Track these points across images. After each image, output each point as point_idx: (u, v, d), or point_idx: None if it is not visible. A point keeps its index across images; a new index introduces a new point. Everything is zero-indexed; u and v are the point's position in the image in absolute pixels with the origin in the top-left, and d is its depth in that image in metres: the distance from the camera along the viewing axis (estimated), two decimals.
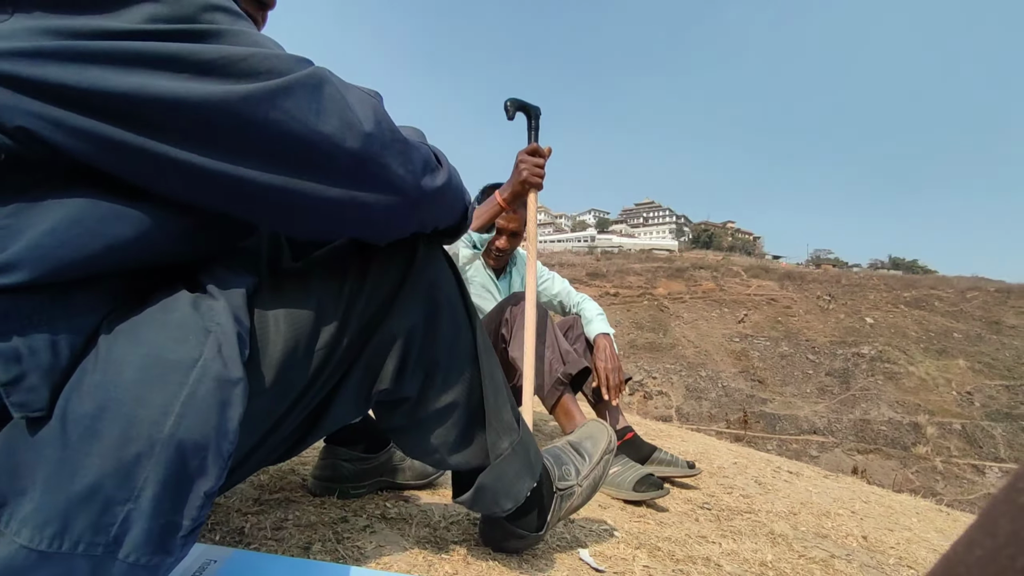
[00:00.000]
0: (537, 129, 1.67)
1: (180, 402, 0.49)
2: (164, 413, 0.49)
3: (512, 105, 1.64)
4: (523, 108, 1.66)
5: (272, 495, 1.06)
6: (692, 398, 27.03)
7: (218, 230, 0.62)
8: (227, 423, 0.52)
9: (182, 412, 0.49)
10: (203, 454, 0.51)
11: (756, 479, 2.13)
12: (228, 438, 0.52)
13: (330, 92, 0.56)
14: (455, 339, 0.78)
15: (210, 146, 0.52)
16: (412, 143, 0.64)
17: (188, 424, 0.49)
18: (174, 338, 0.52)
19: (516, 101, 1.64)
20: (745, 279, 39.77)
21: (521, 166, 1.60)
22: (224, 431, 0.52)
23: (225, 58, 0.51)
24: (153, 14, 0.50)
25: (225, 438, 0.52)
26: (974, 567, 0.23)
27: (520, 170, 1.59)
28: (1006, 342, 30.49)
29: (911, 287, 37.50)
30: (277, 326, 0.62)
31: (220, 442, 0.52)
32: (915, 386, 27.52)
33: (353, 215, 0.62)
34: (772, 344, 31.64)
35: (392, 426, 0.81)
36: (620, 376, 1.82)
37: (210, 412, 0.51)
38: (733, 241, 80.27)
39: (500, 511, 0.85)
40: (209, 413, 0.51)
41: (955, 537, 0.83)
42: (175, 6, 0.51)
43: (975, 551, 0.23)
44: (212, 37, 0.52)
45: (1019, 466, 0.23)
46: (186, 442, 0.49)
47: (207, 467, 0.51)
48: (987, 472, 21.86)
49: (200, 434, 0.50)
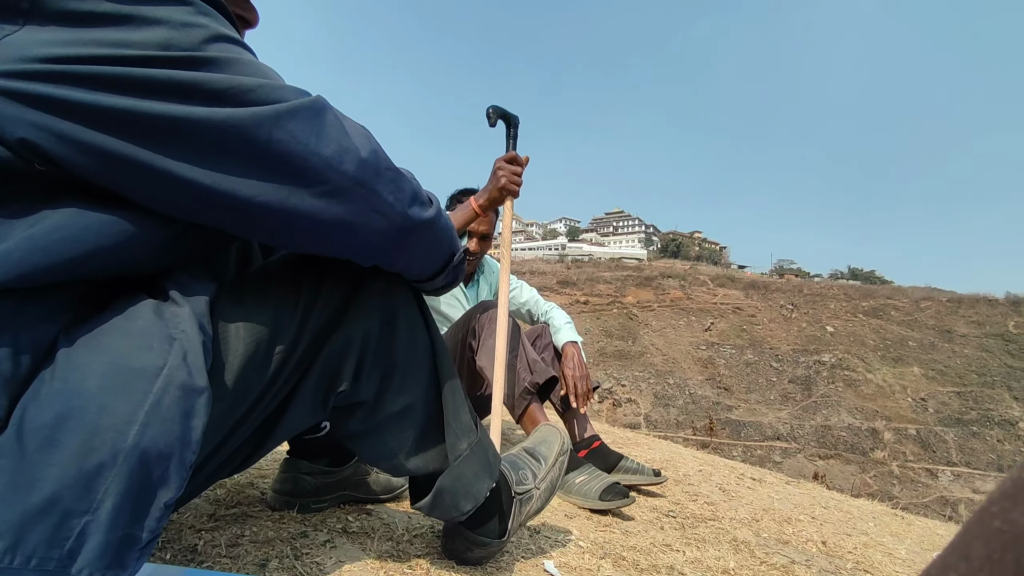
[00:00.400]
0: (516, 138, 1.68)
1: (145, 411, 0.49)
2: (128, 422, 0.48)
3: (495, 112, 1.65)
4: (504, 116, 1.67)
5: (228, 510, 1.03)
6: (660, 405, 27.40)
7: (200, 240, 0.63)
8: (191, 432, 0.52)
9: (147, 421, 0.49)
10: (166, 464, 0.50)
11: (720, 486, 2.16)
12: (191, 448, 0.52)
13: (330, 119, 0.59)
14: (411, 342, 0.79)
15: (216, 163, 0.54)
16: (403, 174, 0.67)
17: (153, 433, 0.49)
18: (138, 346, 0.51)
19: (498, 109, 1.65)
20: (712, 288, 40.65)
21: (499, 172, 1.59)
22: (187, 440, 0.51)
23: (235, 87, 0.53)
24: (167, 40, 0.51)
25: (188, 448, 0.52)
26: None
27: (498, 176, 1.59)
28: (957, 350, 31.84)
29: (869, 297, 38.90)
30: (237, 332, 0.62)
31: (183, 452, 0.51)
32: (873, 393, 28.48)
33: (342, 237, 0.64)
34: (737, 352, 32.36)
35: (349, 431, 0.81)
36: (588, 384, 1.83)
37: (174, 421, 0.50)
38: (700, 251, 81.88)
39: (460, 514, 0.85)
40: (173, 422, 0.50)
41: (909, 540, 0.85)
42: (188, 33, 0.52)
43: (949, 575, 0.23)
44: (222, 67, 0.54)
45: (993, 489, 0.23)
46: (150, 452, 0.49)
47: (169, 477, 0.51)
48: (940, 476, 22.70)
49: (164, 443, 0.49)
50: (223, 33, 0.56)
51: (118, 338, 0.51)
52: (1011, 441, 24.66)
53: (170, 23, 0.52)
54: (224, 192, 0.55)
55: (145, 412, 0.49)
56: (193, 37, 0.52)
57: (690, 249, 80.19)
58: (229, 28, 0.57)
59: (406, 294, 0.79)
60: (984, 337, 32.81)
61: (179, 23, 0.52)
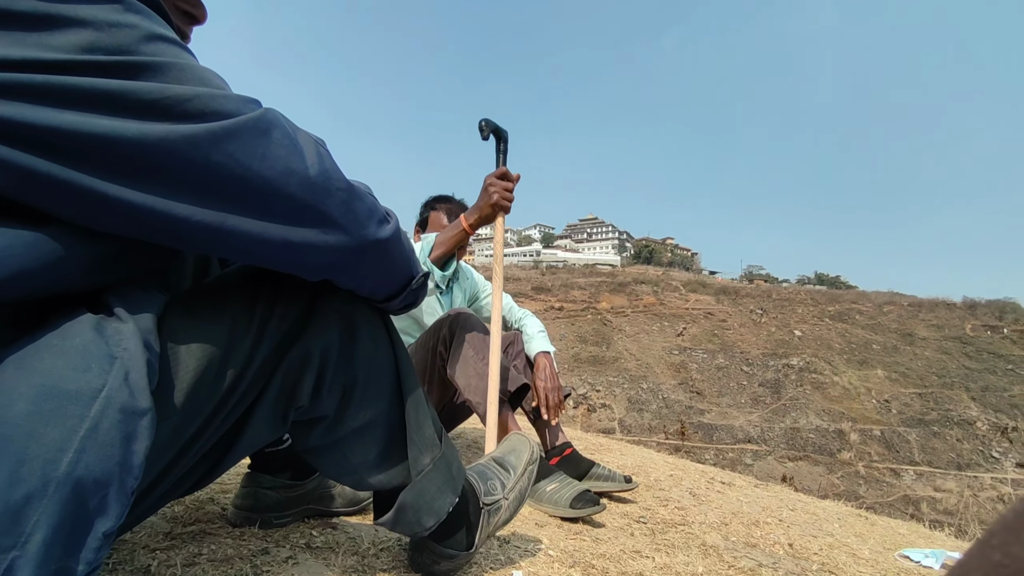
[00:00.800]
0: (506, 152, 1.69)
1: (80, 436, 0.45)
2: (61, 449, 0.44)
3: (487, 126, 1.65)
4: (495, 131, 1.68)
5: (186, 528, 0.99)
6: (634, 410, 27.62)
7: (140, 256, 0.59)
8: (132, 457, 0.48)
9: (82, 447, 0.45)
10: (104, 492, 0.47)
11: (691, 491, 2.17)
12: (133, 473, 0.49)
13: (277, 137, 0.56)
14: (374, 355, 0.77)
15: (145, 183, 0.50)
16: (357, 192, 0.64)
17: (88, 460, 0.45)
18: (74, 366, 0.47)
19: (490, 123, 1.66)
20: (684, 294, 41.23)
21: (491, 189, 1.59)
22: (129, 466, 0.48)
23: (169, 98, 0.49)
24: (91, 43, 0.47)
25: (129, 473, 0.48)
26: None
27: (490, 193, 1.58)
28: (918, 353, 32.88)
29: (835, 301, 39.92)
30: (188, 349, 0.59)
31: (124, 478, 0.48)
32: (839, 395, 29.20)
33: (289, 256, 0.61)
34: (709, 356, 32.85)
35: (309, 447, 0.78)
36: (559, 395, 1.82)
37: (113, 446, 0.47)
38: (672, 257, 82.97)
39: (422, 529, 0.84)
40: (112, 447, 0.47)
41: (872, 541, 0.85)
42: (115, 34, 0.48)
43: None
44: (155, 72, 0.50)
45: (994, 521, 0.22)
46: (86, 480, 0.45)
47: (108, 505, 0.47)
48: (903, 475, 23.36)
49: (101, 470, 0.46)
50: (157, 33, 0.51)
51: (51, 358, 0.47)
52: (969, 440, 25.53)
53: (94, 24, 0.47)
54: (157, 211, 0.51)
55: (80, 438, 0.45)
56: (121, 39, 0.48)
57: (662, 255, 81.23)
58: (164, 27, 0.53)
59: (368, 305, 0.77)
60: (943, 340, 33.98)
61: (105, 23, 0.48)
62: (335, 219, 0.61)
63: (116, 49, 0.48)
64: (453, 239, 1.62)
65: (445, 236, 1.63)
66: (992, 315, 36.56)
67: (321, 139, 0.64)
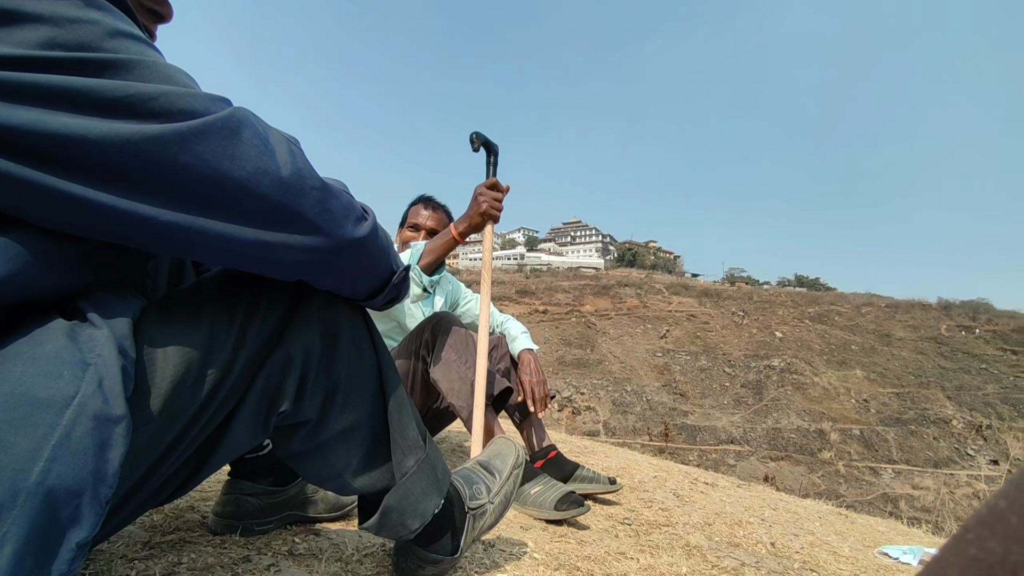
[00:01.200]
0: (496, 164, 1.74)
1: (51, 445, 0.44)
2: (32, 458, 0.43)
3: (478, 139, 1.70)
4: (486, 144, 1.73)
5: (165, 537, 0.97)
6: (619, 412, 27.73)
7: (112, 259, 0.57)
8: (106, 465, 0.47)
9: (53, 456, 0.44)
10: (77, 501, 0.45)
11: (675, 492, 2.19)
12: (107, 482, 0.47)
13: (248, 136, 0.54)
14: (356, 358, 0.76)
15: (109, 184, 0.49)
16: (332, 190, 0.63)
17: (60, 469, 0.44)
18: (45, 373, 0.46)
19: (481, 136, 1.71)
20: (667, 296, 41.56)
21: (480, 198, 1.62)
22: (102, 474, 0.47)
23: (132, 96, 0.48)
24: (50, 38, 0.45)
25: (103, 482, 0.47)
26: None
27: (480, 202, 1.62)
28: (895, 353, 33.51)
29: (814, 303, 40.54)
30: (166, 354, 0.57)
31: (98, 487, 0.47)
32: (819, 395, 29.62)
33: (264, 257, 0.60)
34: (692, 358, 33.13)
35: (292, 452, 0.77)
36: (545, 389, 1.84)
37: (86, 455, 0.45)
38: (655, 260, 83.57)
39: (408, 532, 0.83)
40: (85, 456, 0.45)
41: (852, 538, 0.87)
42: (75, 30, 0.46)
43: None
44: (118, 70, 0.48)
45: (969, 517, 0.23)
46: (57, 489, 0.44)
47: (81, 515, 0.46)
48: (882, 473, 23.75)
49: (74, 479, 0.45)
50: (120, 29, 0.50)
51: (22, 365, 0.45)
52: (945, 438, 26.04)
53: (53, 19, 0.46)
54: (123, 212, 0.50)
55: (52, 446, 0.44)
56: (82, 35, 0.47)
57: (645, 258, 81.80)
58: (128, 23, 0.52)
59: (349, 307, 0.76)
60: (919, 340, 34.68)
61: (64, 19, 0.46)
62: (310, 219, 0.60)
63: (77, 45, 0.47)
64: (443, 247, 1.65)
65: (435, 243, 1.65)
66: (966, 315, 37.43)
67: (294, 138, 0.63)
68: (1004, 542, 0.20)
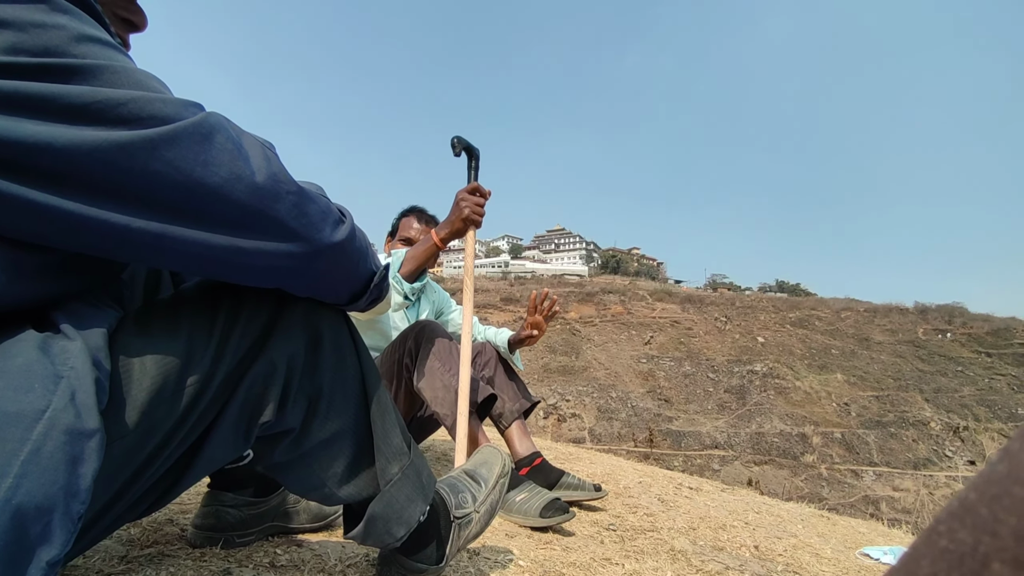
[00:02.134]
0: (477, 169, 1.72)
1: (21, 460, 0.43)
2: (0, 475, 0.42)
3: (459, 143, 1.68)
4: (467, 148, 1.71)
5: (143, 550, 0.95)
6: (604, 419, 27.80)
7: (85, 268, 0.56)
8: (78, 481, 0.46)
9: (23, 472, 0.42)
10: (47, 518, 0.44)
11: (659, 497, 2.20)
12: (79, 498, 0.46)
13: (220, 141, 0.53)
14: (339, 365, 0.75)
15: (79, 192, 0.47)
16: (309, 194, 0.61)
17: (29, 486, 0.43)
18: (15, 387, 0.44)
19: (462, 140, 1.69)
20: (650, 302, 41.87)
21: (462, 203, 1.60)
22: (75, 490, 0.45)
23: (100, 102, 0.47)
24: (14, 44, 0.44)
25: (76, 498, 0.46)
26: None
27: (462, 207, 1.60)
28: (875, 357, 34.07)
29: (795, 308, 41.12)
30: (143, 365, 0.56)
31: (69, 503, 0.45)
32: (801, 399, 29.99)
33: (240, 264, 0.59)
34: (676, 364, 33.37)
35: (274, 463, 0.76)
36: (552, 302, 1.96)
37: (58, 470, 0.44)
38: (639, 266, 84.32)
39: (393, 540, 0.82)
40: (57, 471, 0.44)
41: (834, 540, 0.88)
42: (40, 35, 0.45)
43: None
44: (85, 75, 0.47)
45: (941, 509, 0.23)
46: (26, 506, 0.42)
47: (51, 533, 0.44)
48: (863, 476, 24.08)
49: (44, 496, 0.43)
50: (87, 34, 0.48)
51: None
52: (924, 440, 26.52)
53: (16, 24, 0.45)
54: (92, 220, 0.49)
55: (21, 462, 0.42)
56: (47, 40, 0.46)
57: (629, 265, 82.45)
58: (97, 28, 0.51)
59: (331, 313, 0.75)
60: (897, 344, 35.34)
61: (28, 24, 0.45)
62: (286, 224, 0.58)
63: (42, 50, 0.45)
64: (424, 253, 1.62)
65: (416, 251, 1.63)
66: (942, 319, 38.25)
67: (269, 142, 0.62)
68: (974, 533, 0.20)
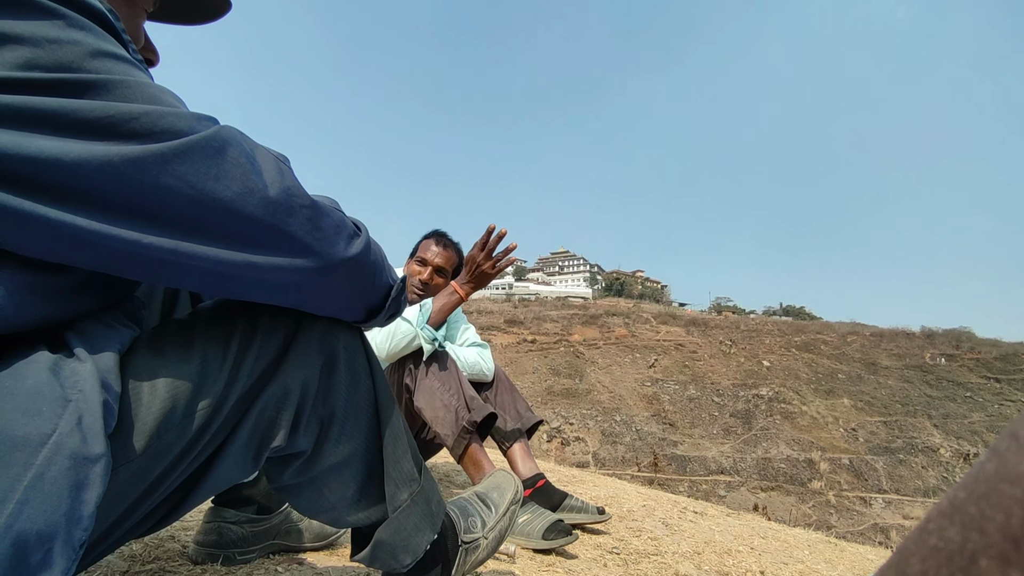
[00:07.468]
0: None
1: (24, 486, 0.42)
2: (2, 500, 0.41)
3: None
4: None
5: (145, 566, 0.96)
6: (608, 443, 27.49)
7: (99, 287, 0.55)
8: (81, 507, 0.45)
9: (25, 498, 0.42)
10: (48, 545, 0.43)
11: (664, 521, 2.17)
12: (82, 524, 0.45)
13: (233, 155, 0.53)
14: (353, 388, 0.73)
15: (90, 207, 0.47)
16: (323, 208, 0.61)
17: (31, 512, 0.42)
18: (23, 410, 0.44)
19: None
20: (655, 325, 41.71)
21: (479, 270, 1.73)
22: (77, 517, 0.45)
23: (113, 116, 0.46)
24: (29, 59, 0.45)
25: (78, 525, 0.45)
26: None
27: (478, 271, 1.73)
28: (882, 381, 33.72)
29: (800, 332, 40.85)
30: (154, 388, 0.55)
31: (71, 530, 0.44)
32: (808, 424, 29.62)
33: (253, 280, 0.57)
34: (681, 387, 33.10)
35: (284, 484, 0.75)
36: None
37: (61, 496, 0.43)
38: (643, 289, 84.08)
39: (400, 567, 0.81)
40: (60, 497, 0.43)
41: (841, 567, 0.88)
42: (56, 51, 0.46)
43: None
44: (99, 90, 0.47)
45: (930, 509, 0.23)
46: (27, 533, 0.41)
47: (52, 560, 0.43)
48: (872, 503, 23.64)
49: (46, 522, 0.43)
50: (103, 49, 0.49)
51: (1, 401, 0.44)
52: (934, 467, 26.07)
53: (32, 40, 0.45)
54: (103, 236, 0.48)
55: (24, 487, 0.41)
56: (62, 56, 0.46)
57: (633, 287, 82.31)
58: (113, 44, 0.51)
59: (348, 334, 0.73)
60: (904, 368, 34.96)
61: (44, 40, 0.45)
62: (301, 239, 0.57)
63: (57, 66, 0.46)
64: (450, 306, 1.76)
65: (442, 303, 1.74)
66: (949, 344, 37.89)
67: (283, 155, 0.61)
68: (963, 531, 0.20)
